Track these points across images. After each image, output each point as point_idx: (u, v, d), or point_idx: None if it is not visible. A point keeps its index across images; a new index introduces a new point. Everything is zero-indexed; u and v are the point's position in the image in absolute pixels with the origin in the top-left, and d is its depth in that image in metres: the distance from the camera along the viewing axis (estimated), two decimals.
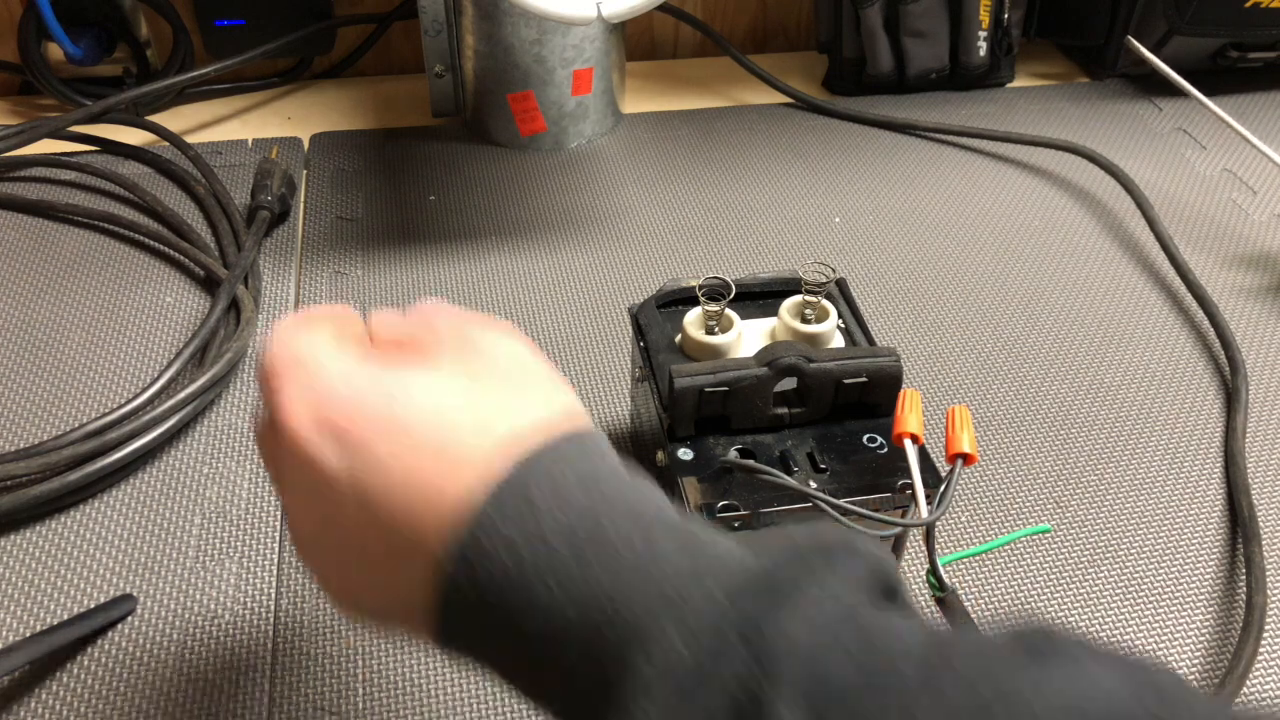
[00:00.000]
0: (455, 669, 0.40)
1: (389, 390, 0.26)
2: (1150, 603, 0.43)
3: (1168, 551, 0.45)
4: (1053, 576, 0.44)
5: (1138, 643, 0.41)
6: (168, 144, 0.66)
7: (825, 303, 0.41)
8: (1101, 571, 0.44)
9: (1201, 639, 0.42)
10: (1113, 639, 0.42)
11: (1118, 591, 0.43)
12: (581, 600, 0.23)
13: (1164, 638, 0.42)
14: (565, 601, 0.23)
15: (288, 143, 0.69)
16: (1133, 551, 0.45)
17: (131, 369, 0.52)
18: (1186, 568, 0.44)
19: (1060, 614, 0.42)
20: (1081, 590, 0.43)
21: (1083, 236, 0.63)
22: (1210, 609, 0.43)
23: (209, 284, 0.57)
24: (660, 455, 0.39)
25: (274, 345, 0.28)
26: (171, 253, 0.59)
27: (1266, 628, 0.41)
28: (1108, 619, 0.42)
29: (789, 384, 0.38)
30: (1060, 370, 0.53)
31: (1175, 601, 0.43)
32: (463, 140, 0.70)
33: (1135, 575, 0.44)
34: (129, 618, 0.41)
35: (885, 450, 0.38)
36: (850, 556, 0.24)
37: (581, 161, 0.69)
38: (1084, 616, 0.42)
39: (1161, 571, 0.44)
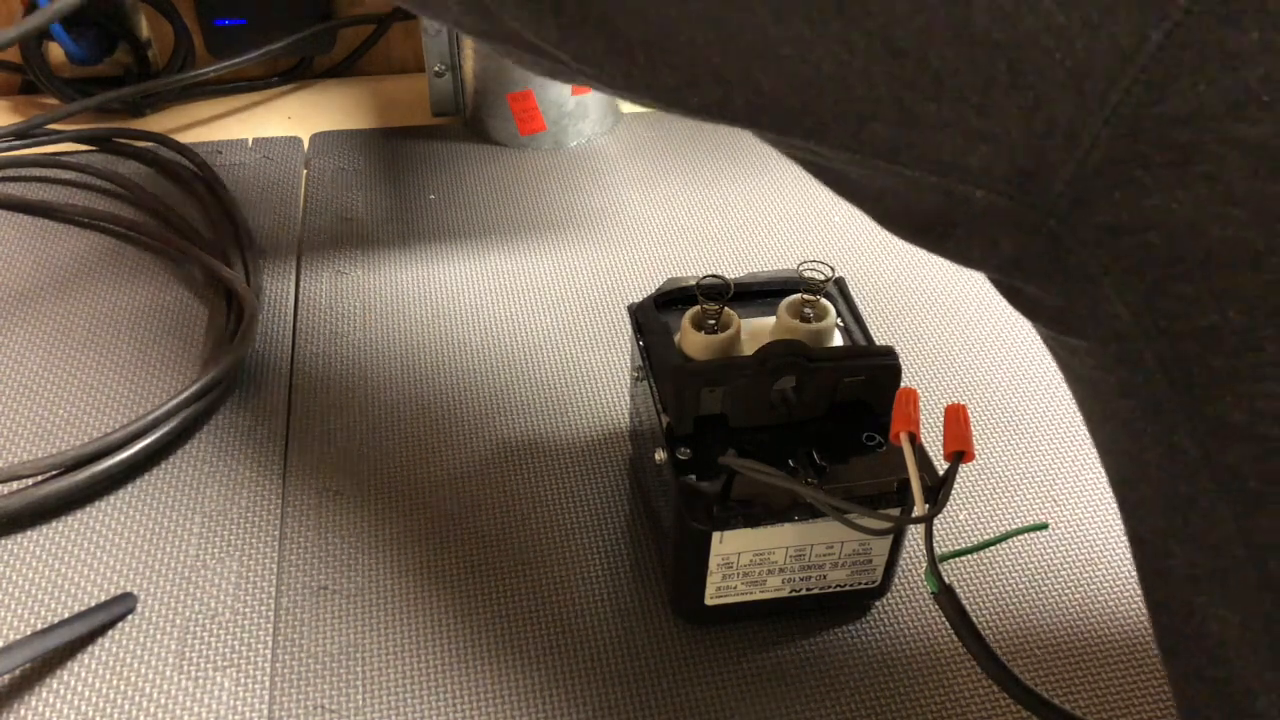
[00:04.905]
0: (454, 668, 0.40)
1: None
2: None
3: None
4: (1050, 573, 0.44)
5: (1135, 638, 0.42)
6: (168, 144, 0.66)
7: (824, 301, 0.41)
8: (1099, 568, 0.44)
9: None
10: (1110, 635, 0.42)
11: (1115, 588, 0.43)
12: None
13: None
14: None
15: (288, 142, 0.69)
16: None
17: (133, 368, 0.52)
18: None
19: (1057, 611, 0.42)
20: (1079, 587, 0.43)
21: None
22: None
23: (210, 283, 0.57)
24: (659, 454, 0.39)
25: None
26: (172, 252, 0.59)
27: None
28: (1105, 616, 0.42)
29: (788, 382, 0.38)
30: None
31: None
32: (463, 140, 0.70)
33: (1133, 571, 0.44)
34: (129, 616, 0.41)
35: (884, 448, 0.38)
36: None
37: (581, 161, 0.69)
38: (1081, 613, 0.42)
39: None
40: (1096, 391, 0.26)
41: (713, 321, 0.40)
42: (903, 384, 0.37)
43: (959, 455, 0.34)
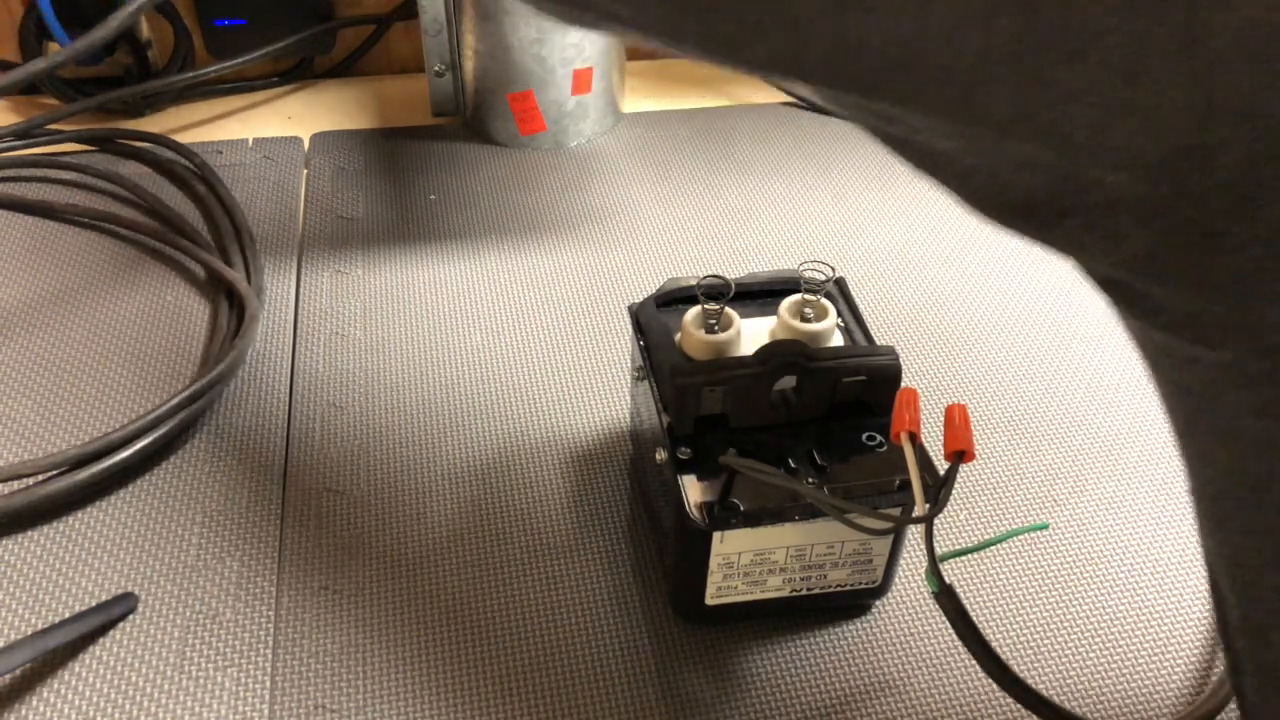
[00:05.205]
0: (454, 668, 0.40)
1: None
2: (1149, 599, 0.43)
3: (1166, 547, 0.45)
4: (1050, 573, 0.44)
5: (1135, 638, 0.42)
6: (168, 144, 0.66)
7: (824, 301, 0.41)
8: (1099, 568, 0.44)
9: (1200, 635, 0.42)
10: (1110, 635, 0.42)
11: (1115, 588, 0.43)
12: None
13: (1162, 634, 0.42)
14: None
15: (288, 142, 0.69)
16: (1131, 548, 0.45)
17: (133, 368, 0.52)
18: (1185, 564, 0.44)
19: (1058, 610, 0.42)
20: (1079, 587, 0.43)
21: None
22: (1209, 606, 0.43)
23: (210, 283, 0.57)
24: (660, 454, 0.39)
25: None
26: (172, 252, 0.59)
27: None
28: (1105, 616, 0.42)
29: (788, 382, 0.38)
30: (1059, 367, 0.54)
31: (1174, 598, 0.43)
32: (463, 140, 0.70)
33: (1133, 571, 0.44)
34: (130, 616, 0.41)
35: (884, 448, 0.38)
36: None
37: (581, 161, 0.69)
38: (1081, 613, 0.42)
39: (1160, 568, 0.44)
40: (1209, 405, 0.23)
41: (713, 321, 0.40)
42: (903, 384, 0.37)
43: (959, 455, 0.34)
